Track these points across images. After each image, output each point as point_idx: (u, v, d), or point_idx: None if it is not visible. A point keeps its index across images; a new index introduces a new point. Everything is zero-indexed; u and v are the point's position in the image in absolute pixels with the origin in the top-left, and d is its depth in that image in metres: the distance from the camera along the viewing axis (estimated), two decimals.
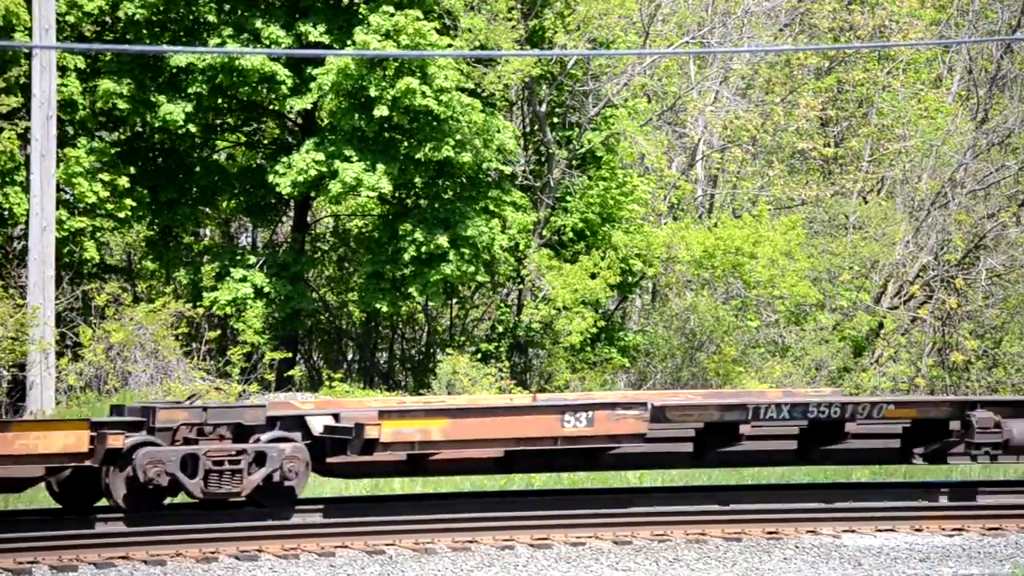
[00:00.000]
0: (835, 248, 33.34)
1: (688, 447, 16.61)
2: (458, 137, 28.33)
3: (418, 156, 28.54)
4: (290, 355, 29.88)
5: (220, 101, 29.77)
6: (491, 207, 29.61)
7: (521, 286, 31.42)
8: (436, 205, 29.48)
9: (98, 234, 28.97)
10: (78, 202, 28.23)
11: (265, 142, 32.45)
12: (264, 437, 14.96)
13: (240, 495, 14.81)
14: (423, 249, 28.48)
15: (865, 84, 36.16)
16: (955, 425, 16.78)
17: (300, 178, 28.33)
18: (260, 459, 14.81)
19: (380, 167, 28.19)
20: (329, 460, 15.35)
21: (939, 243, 34.43)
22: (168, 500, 15.03)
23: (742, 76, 35.19)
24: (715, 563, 15.11)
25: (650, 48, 32.40)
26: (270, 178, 29.03)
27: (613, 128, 31.26)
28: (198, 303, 28.82)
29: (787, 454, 17.08)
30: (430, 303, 31.61)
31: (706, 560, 15.20)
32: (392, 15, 28.00)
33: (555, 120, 32.14)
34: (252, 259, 29.99)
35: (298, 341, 32.09)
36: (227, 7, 29.28)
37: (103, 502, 14.97)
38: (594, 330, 30.20)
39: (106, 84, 28.21)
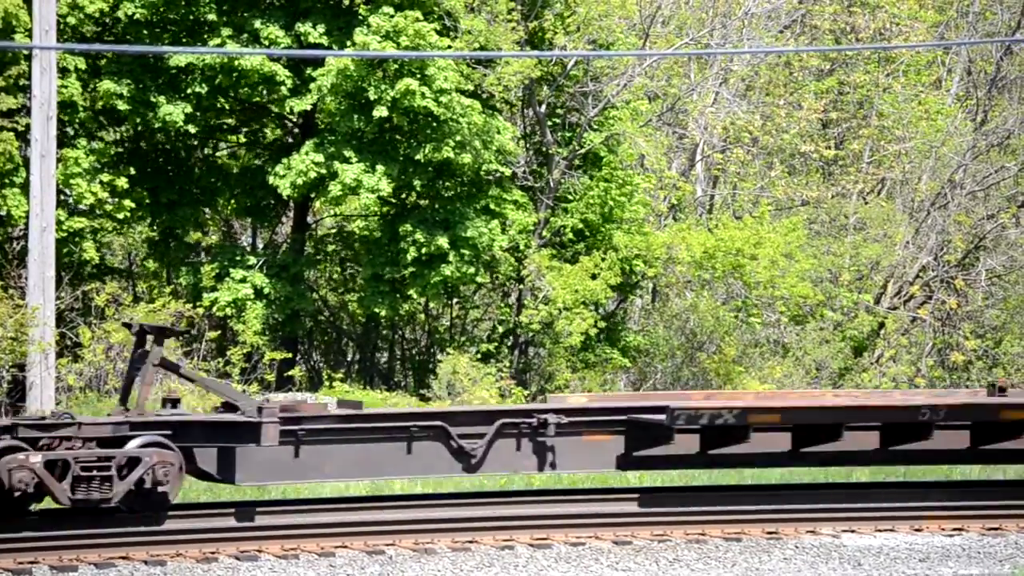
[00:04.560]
0: (836, 249, 33.35)
1: None
2: (458, 138, 28.31)
3: (418, 157, 28.52)
4: (290, 355, 29.87)
5: (220, 102, 29.76)
6: (491, 206, 29.60)
7: (521, 286, 31.41)
8: (436, 206, 29.47)
9: (98, 235, 28.95)
10: (77, 203, 28.20)
11: (265, 143, 32.43)
12: None
13: None
14: (423, 250, 28.47)
15: (866, 86, 36.18)
16: None
17: (300, 180, 28.33)
18: None
19: (380, 168, 28.18)
20: None
21: (939, 244, 34.46)
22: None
23: (742, 78, 35.20)
24: (715, 563, 15.12)
25: (650, 49, 32.39)
26: (270, 179, 29.02)
27: (613, 129, 31.25)
28: (198, 303, 28.81)
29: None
30: (430, 304, 31.58)
31: (706, 560, 15.20)
32: (392, 16, 27.99)
33: (555, 121, 32.12)
34: (252, 260, 29.97)
35: (298, 341, 32.08)
36: (227, 7, 29.26)
37: None
38: (595, 330, 30.18)
39: (106, 84, 28.20)
